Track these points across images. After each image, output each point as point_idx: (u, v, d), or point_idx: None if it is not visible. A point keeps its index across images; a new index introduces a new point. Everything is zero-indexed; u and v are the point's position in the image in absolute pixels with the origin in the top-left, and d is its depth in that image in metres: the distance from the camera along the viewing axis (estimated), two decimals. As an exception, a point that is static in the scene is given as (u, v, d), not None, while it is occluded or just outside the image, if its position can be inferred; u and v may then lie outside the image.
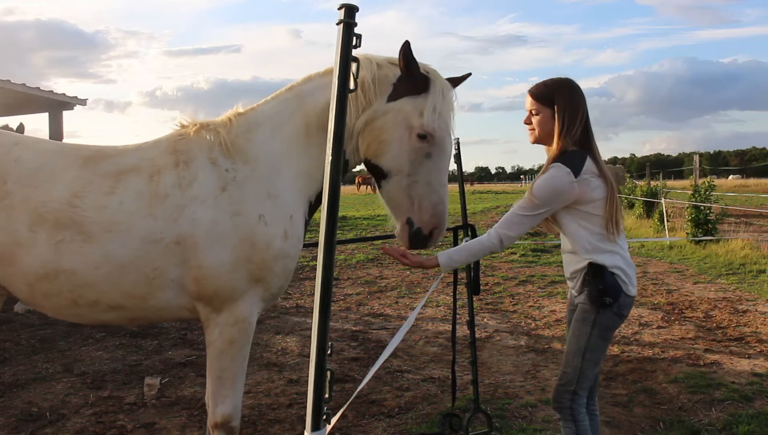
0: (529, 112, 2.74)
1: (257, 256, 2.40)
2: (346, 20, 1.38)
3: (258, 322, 7.02)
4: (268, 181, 2.47)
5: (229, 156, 2.47)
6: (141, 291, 2.40)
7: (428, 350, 5.70)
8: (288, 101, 2.57)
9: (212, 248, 2.36)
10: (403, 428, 3.97)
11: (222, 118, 2.60)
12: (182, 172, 2.44)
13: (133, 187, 2.42)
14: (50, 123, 10.86)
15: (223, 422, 2.48)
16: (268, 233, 2.41)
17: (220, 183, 2.42)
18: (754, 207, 20.39)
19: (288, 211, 2.48)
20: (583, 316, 2.65)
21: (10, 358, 5.53)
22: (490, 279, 9.32)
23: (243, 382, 2.54)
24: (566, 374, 2.71)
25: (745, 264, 10.06)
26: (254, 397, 4.51)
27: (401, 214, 2.48)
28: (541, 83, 2.74)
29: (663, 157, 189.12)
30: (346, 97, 1.39)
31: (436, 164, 2.45)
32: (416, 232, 2.47)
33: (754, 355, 5.41)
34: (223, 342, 2.44)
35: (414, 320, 3.84)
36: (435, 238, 2.50)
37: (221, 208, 2.39)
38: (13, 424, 4.04)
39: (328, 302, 1.38)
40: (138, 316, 2.52)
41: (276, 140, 2.52)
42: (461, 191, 3.93)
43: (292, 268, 2.54)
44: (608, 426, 3.95)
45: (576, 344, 2.67)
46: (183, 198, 2.39)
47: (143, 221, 2.37)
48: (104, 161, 2.49)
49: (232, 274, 2.38)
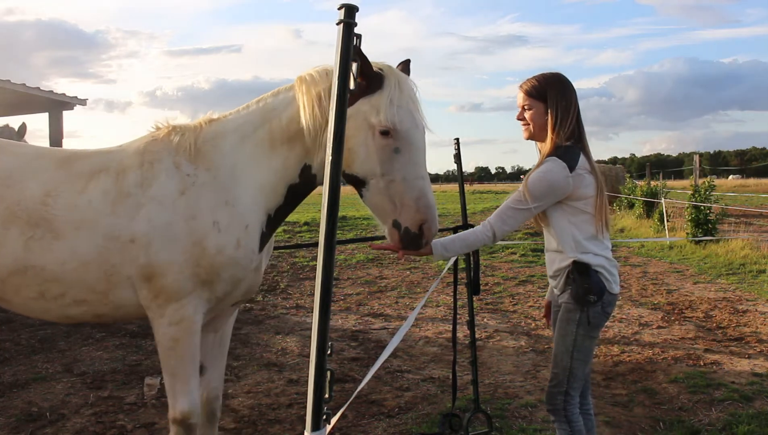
0: (522, 108, 2.73)
1: (206, 260, 2.44)
2: (346, 20, 1.38)
3: (258, 322, 7.07)
4: (227, 190, 2.50)
5: (193, 161, 2.52)
6: (101, 287, 2.50)
7: (428, 350, 5.70)
8: (255, 113, 2.59)
9: (164, 248, 2.43)
10: (403, 428, 3.97)
11: (194, 123, 2.65)
12: (146, 172, 2.51)
13: (101, 186, 2.52)
14: (50, 123, 10.86)
15: (183, 418, 2.55)
16: (220, 240, 2.45)
17: (180, 186, 2.48)
18: (754, 207, 20.38)
19: (244, 221, 2.50)
20: (568, 315, 2.65)
21: (10, 358, 5.53)
22: (490, 279, 9.32)
23: (197, 379, 2.59)
24: (557, 375, 2.70)
25: (745, 264, 10.06)
26: (254, 397, 4.52)
27: (386, 218, 2.39)
28: (532, 78, 2.73)
29: (663, 157, 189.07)
30: (346, 97, 1.39)
31: (407, 158, 2.36)
32: (405, 232, 2.36)
33: (754, 355, 5.41)
34: (168, 340, 2.51)
35: (414, 320, 3.84)
36: (426, 234, 2.38)
37: (177, 211, 2.45)
38: (13, 424, 4.04)
39: (328, 302, 1.38)
40: (102, 313, 2.61)
41: (240, 150, 2.55)
42: (461, 191, 3.93)
43: (241, 277, 2.55)
44: (608, 426, 3.95)
45: (563, 344, 2.67)
46: (143, 197, 2.47)
47: (107, 219, 2.47)
48: (79, 162, 2.61)
49: (179, 273, 2.44)
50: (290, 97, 2.54)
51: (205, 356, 2.87)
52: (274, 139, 2.54)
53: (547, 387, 2.75)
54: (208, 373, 2.89)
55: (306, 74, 2.50)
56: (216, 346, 2.90)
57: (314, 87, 2.43)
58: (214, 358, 2.90)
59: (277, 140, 2.54)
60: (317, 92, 2.42)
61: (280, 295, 8.50)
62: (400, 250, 2.44)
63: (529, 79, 2.74)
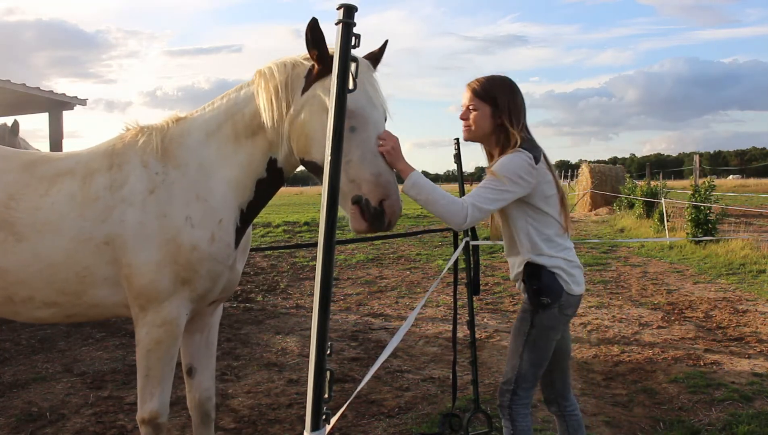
0: (466, 108, 2.66)
1: (182, 257, 2.45)
2: (344, 20, 1.38)
3: (258, 322, 7.07)
4: (198, 185, 2.51)
5: (161, 159, 2.53)
6: (73, 288, 2.51)
7: (428, 350, 5.70)
8: (220, 110, 2.59)
9: (139, 248, 2.44)
10: (403, 428, 3.97)
11: (160, 123, 2.66)
12: (114, 174, 2.53)
13: (66, 189, 2.54)
14: (50, 123, 10.85)
15: (150, 418, 2.55)
16: (194, 235, 2.46)
17: (150, 185, 2.49)
18: (754, 207, 20.37)
19: (217, 216, 2.51)
20: (523, 315, 2.65)
21: (10, 358, 5.53)
22: (490, 279, 9.32)
23: (171, 380, 2.59)
24: (506, 373, 2.70)
25: (745, 264, 10.05)
26: (254, 397, 4.52)
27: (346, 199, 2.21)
28: (482, 78, 2.66)
29: (663, 157, 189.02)
30: (345, 97, 1.39)
31: (363, 137, 2.24)
32: (366, 204, 2.19)
33: (754, 355, 5.41)
34: (150, 341, 2.50)
35: (414, 320, 3.84)
36: (389, 213, 2.20)
37: (148, 210, 2.46)
38: (13, 424, 4.05)
39: (327, 302, 1.38)
40: (74, 313, 2.62)
41: (207, 147, 2.55)
42: (461, 191, 3.93)
43: (219, 272, 2.55)
44: (608, 426, 3.95)
45: (514, 343, 2.66)
46: (112, 199, 2.49)
47: (73, 222, 2.48)
48: (44, 165, 2.63)
49: (157, 273, 2.44)
50: (251, 91, 2.53)
51: (193, 358, 2.87)
52: (238, 135, 2.54)
53: (499, 383, 2.76)
54: (199, 374, 2.87)
55: (265, 68, 2.49)
56: (204, 346, 2.89)
57: (272, 80, 2.42)
58: (202, 358, 2.89)
59: (242, 135, 2.53)
60: (274, 85, 2.41)
61: (280, 295, 8.50)
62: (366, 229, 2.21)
63: (478, 79, 2.67)
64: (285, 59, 2.50)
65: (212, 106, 2.64)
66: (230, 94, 2.63)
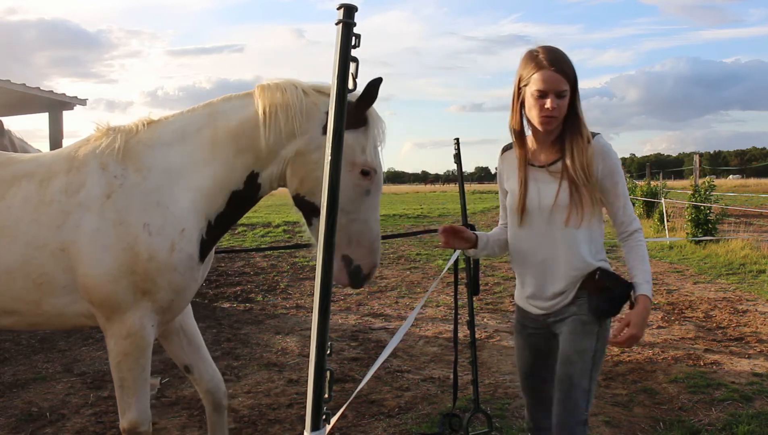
0: (555, 95, 2.19)
1: (140, 266, 2.32)
2: (345, 20, 1.38)
3: (258, 322, 7.06)
4: (160, 191, 2.38)
5: (122, 162, 2.41)
6: (31, 296, 2.41)
7: (428, 350, 5.70)
8: (201, 116, 2.50)
9: (95, 256, 2.33)
10: (403, 428, 3.97)
11: (129, 124, 2.55)
12: (72, 177, 2.42)
13: (22, 193, 2.43)
14: (50, 123, 10.85)
15: (131, 428, 2.48)
16: (152, 243, 2.33)
17: (107, 190, 2.37)
18: (754, 207, 20.37)
19: (179, 225, 2.38)
20: (584, 329, 2.26)
21: (10, 358, 5.53)
22: (490, 279, 9.32)
23: (147, 387, 2.51)
24: (573, 401, 2.23)
25: (745, 264, 10.06)
26: (254, 397, 4.52)
27: (336, 250, 2.31)
28: (560, 56, 2.22)
29: (663, 157, 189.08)
30: (345, 98, 1.39)
31: (373, 201, 2.41)
32: (355, 270, 2.41)
33: (754, 355, 5.41)
34: (118, 353, 2.42)
35: (414, 320, 3.83)
36: (371, 276, 2.49)
37: (105, 216, 2.34)
38: (13, 424, 4.05)
39: (327, 302, 1.37)
40: (36, 322, 2.54)
41: (177, 152, 2.44)
42: (461, 191, 3.93)
43: (180, 284, 2.41)
44: (608, 426, 3.95)
45: (579, 365, 2.24)
46: (68, 204, 2.37)
47: (27, 227, 2.38)
48: (6, 168, 2.52)
49: (114, 284, 2.33)
50: (245, 104, 2.47)
51: (183, 357, 2.82)
52: (217, 143, 2.44)
53: (561, 418, 2.25)
54: (196, 369, 2.83)
55: (273, 82, 2.44)
56: (186, 343, 2.82)
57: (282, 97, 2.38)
58: (191, 354, 2.82)
59: (222, 145, 2.43)
60: (284, 103, 2.37)
61: (280, 295, 8.50)
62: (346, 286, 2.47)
63: (557, 56, 2.21)
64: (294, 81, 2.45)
65: (192, 112, 2.54)
66: (216, 103, 2.54)
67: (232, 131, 2.43)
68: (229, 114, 2.46)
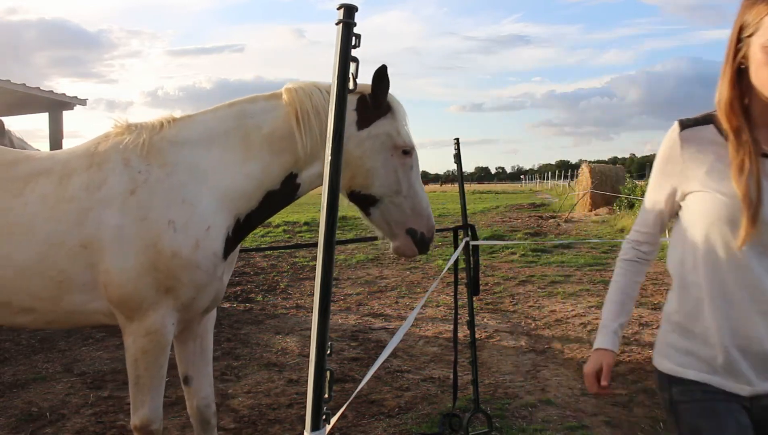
0: None
1: (163, 263, 2.30)
2: (345, 20, 1.38)
3: (258, 322, 7.06)
4: (185, 188, 2.37)
5: (145, 158, 2.39)
6: (49, 293, 2.38)
7: (428, 350, 5.70)
8: (228, 116, 2.50)
9: (118, 253, 2.30)
10: (403, 428, 3.97)
11: (152, 121, 2.53)
12: (93, 174, 2.39)
13: (39, 190, 2.40)
14: (50, 123, 10.86)
15: (142, 426, 2.48)
16: (176, 240, 2.31)
17: (130, 185, 2.35)
18: (754, 207, 20.34)
19: (205, 222, 2.36)
20: None
21: (10, 358, 5.54)
22: (490, 279, 9.32)
23: (162, 386, 2.50)
24: None
25: (745, 264, 10.04)
26: (254, 397, 4.52)
27: (400, 227, 2.56)
28: None
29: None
30: (345, 98, 1.39)
31: (417, 174, 2.60)
32: (421, 238, 2.58)
33: (754, 355, 5.41)
34: (137, 350, 2.40)
35: (414, 320, 3.84)
36: (434, 238, 2.64)
37: (128, 212, 2.32)
38: (13, 424, 4.05)
39: (327, 302, 1.37)
40: (53, 320, 2.52)
41: (203, 151, 2.44)
42: (461, 191, 3.93)
43: (203, 281, 2.40)
44: (608, 426, 3.95)
45: None
46: (89, 201, 2.35)
47: (45, 224, 2.35)
48: (20, 165, 2.49)
49: (138, 281, 2.31)
50: (273, 105, 2.49)
51: (188, 366, 2.80)
52: (250, 145, 2.45)
53: None
54: (195, 382, 2.81)
55: (298, 87, 2.48)
56: (198, 354, 2.80)
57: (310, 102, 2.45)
58: (198, 366, 2.81)
59: (255, 145, 2.45)
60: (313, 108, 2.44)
61: (280, 295, 8.50)
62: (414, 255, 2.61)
63: None
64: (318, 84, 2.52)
65: (215, 111, 2.54)
66: (241, 103, 2.54)
67: (265, 136, 2.46)
68: (259, 116, 2.49)
